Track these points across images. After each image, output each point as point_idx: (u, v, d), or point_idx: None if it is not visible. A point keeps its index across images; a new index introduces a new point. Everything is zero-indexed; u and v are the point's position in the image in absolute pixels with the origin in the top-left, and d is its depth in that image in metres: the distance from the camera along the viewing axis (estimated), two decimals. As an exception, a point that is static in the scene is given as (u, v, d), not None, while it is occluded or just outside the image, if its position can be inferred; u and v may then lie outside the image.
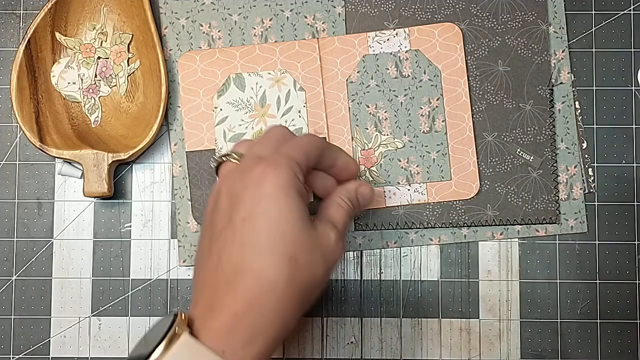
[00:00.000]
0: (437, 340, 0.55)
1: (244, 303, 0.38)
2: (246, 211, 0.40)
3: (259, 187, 0.40)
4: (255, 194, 0.40)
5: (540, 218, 0.55)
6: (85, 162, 0.53)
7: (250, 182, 0.41)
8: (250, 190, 0.41)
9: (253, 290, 0.39)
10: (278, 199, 0.40)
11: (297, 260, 0.40)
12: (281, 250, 0.39)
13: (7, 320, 0.55)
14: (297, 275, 0.40)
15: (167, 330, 0.38)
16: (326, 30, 0.56)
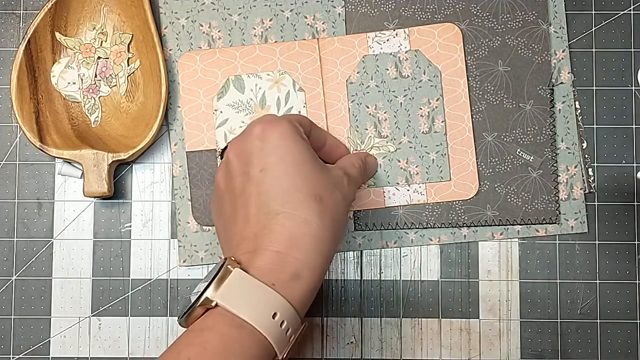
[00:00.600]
0: (437, 340, 0.55)
1: (284, 241, 0.41)
2: (261, 163, 0.42)
3: (264, 142, 0.43)
4: (264, 148, 0.43)
5: (540, 218, 0.55)
6: (85, 162, 0.53)
7: (254, 139, 0.43)
8: (257, 146, 0.43)
9: (291, 229, 0.41)
10: (287, 146, 0.43)
11: (322, 198, 0.42)
12: (306, 190, 0.42)
13: (7, 320, 0.55)
14: (325, 212, 0.42)
15: (219, 269, 0.40)
16: (326, 31, 0.56)
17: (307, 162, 0.43)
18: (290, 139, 0.43)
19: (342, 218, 0.44)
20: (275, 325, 0.39)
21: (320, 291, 0.55)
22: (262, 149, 0.43)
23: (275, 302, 0.40)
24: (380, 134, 0.55)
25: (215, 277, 0.40)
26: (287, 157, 0.43)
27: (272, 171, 0.42)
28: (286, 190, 0.42)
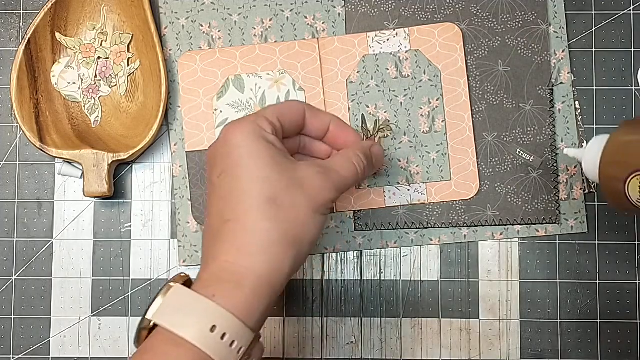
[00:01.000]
0: (437, 340, 0.55)
1: (232, 250, 0.39)
2: (220, 167, 0.41)
3: (225, 145, 0.41)
4: (224, 151, 0.41)
5: (540, 218, 0.55)
6: (85, 162, 0.53)
7: (218, 143, 0.42)
8: (219, 150, 0.42)
9: (238, 236, 0.39)
10: (246, 147, 0.41)
11: (277, 200, 0.40)
12: (258, 193, 0.40)
13: (7, 320, 0.55)
14: (280, 215, 0.39)
15: (164, 285, 0.39)
16: (326, 30, 0.56)
17: (264, 163, 0.40)
18: (250, 140, 0.41)
19: (305, 220, 0.41)
20: (214, 338, 0.37)
21: (320, 291, 0.55)
22: (222, 153, 0.41)
23: (214, 314, 0.37)
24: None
25: (157, 296, 0.38)
26: (243, 160, 0.40)
27: (228, 176, 0.41)
28: (240, 194, 0.40)
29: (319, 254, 0.55)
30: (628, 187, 0.42)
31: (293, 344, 0.55)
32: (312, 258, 0.55)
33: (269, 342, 0.55)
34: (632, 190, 0.41)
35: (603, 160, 0.44)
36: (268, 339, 0.55)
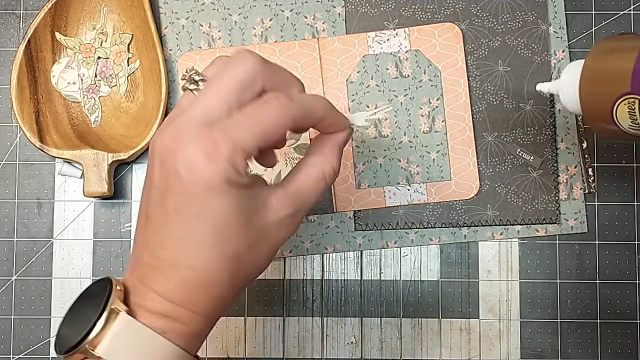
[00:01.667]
0: (437, 340, 0.55)
1: (181, 294, 0.36)
2: (178, 203, 0.35)
3: (188, 183, 0.34)
4: (185, 188, 0.34)
5: (540, 218, 0.55)
6: (85, 162, 0.53)
7: (181, 166, 0.34)
8: (179, 178, 0.34)
9: (191, 284, 0.36)
10: (210, 200, 0.34)
11: (240, 260, 0.36)
12: (221, 250, 0.35)
13: (7, 320, 0.55)
14: (239, 273, 0.36)
15: (104, 304, 0.35)
16: (326, 30, 0.56)
17: (230, 220, 0.35)
18: (217, 192, 0.34)
19: (261, 268, 0.38)
20: None
21: (320, 291, 0.55)
22: (182, 187, 0.34)
23: (169, 354, 0.35)
24: (380, 134, 0.55)
25: (97, 319, 0.34)
26: (207, 212, 0.34)
27: (188, 219, 0.34)
28: (199, 245, 0.35)
29: (319, 254, 0.55)
30: (616, 113, 0.37)
31: (293, 344, 0.55)
32: (312, 258, 0.55)
33: (269, 342, 0.55)
34: (621, 116, 0.37)
35: (583, 88, 0.39)
36: (268, 339, 0.55)
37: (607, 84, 0.37)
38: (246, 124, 0.34)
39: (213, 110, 0.34)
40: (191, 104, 0.35)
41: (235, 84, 0.35)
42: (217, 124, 0.34)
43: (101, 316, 0.34)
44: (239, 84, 0.35)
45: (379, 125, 0.55)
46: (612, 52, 0.38)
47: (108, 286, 0.35)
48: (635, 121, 0.36)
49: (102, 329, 0.34)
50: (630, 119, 0.36)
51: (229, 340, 0.55)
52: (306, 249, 0.55)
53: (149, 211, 0.36)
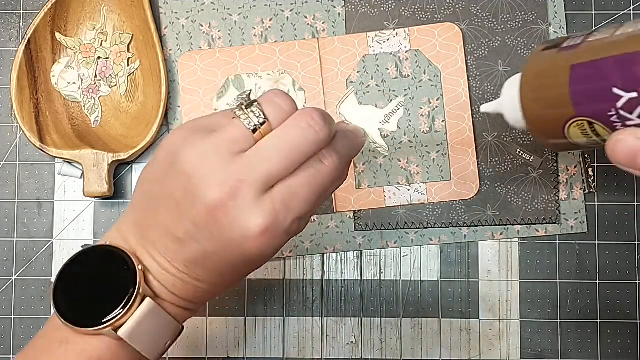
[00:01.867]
0: (437, 340, 0.55)
1: (209, 273, 0.37)
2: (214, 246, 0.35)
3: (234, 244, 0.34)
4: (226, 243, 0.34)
5: (540, 218, 0.55)
6: (85, 162, 0.53)
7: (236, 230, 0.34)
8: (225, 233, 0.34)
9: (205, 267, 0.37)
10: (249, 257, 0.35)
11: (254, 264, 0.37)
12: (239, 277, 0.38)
13: (7, 320, 0.55)
14: (253, 267, 0.38)
15: (135, 288, 0.36)
16: (326, 30, 0.56)
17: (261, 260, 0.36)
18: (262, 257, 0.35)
19: None
20: (162, 348, 0.38)
21: (320, 291, 0.55)
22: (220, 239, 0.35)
23: (174, 332, 0.38)
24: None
25: (127, 299, 0.35)
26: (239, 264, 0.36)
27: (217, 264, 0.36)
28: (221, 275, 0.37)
29: (319, 254, 0.55)
30: (569, 134, 0.35)
31: (293, 344, 0.55)
32: (312, 258, 0.55)
33: (269, 342, 0.55)
34: (575, 135, 0.35)
35: (526, 110, 0.37)
36: (268, 339, 0.55)
37: (550, 107, 0.36)
38: (304, 190, 0.35)
39: (272, 172, 0.34)
40: (251, 157, 0.34)
41: (300, 148, 0.34)
42: (277, 192, 0.34)
43: (130, 300, 0.35)
44: (304, 148, 0.34)
45: None
46: (547, 73, 0.36)
47: (132, 267, 0.36)
48: (591, 138, 0.35)
49: (127, 311, 0.35)
50: (585, 137, 0.35)
51: (229, 340, 0.55)
52: (306, 249, 0.55)
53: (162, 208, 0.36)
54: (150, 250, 0.37)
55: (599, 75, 0.32)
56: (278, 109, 0.35)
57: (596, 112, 0.33)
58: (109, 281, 0.37)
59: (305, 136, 0.34)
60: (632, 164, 0.33)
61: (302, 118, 0.35)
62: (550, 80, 0.35)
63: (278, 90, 0.36)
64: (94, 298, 0.37)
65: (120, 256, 0.37)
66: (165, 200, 0.35)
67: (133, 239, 0.37)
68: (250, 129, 0.34)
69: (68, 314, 0.36)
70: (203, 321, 0.55)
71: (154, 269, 0.37)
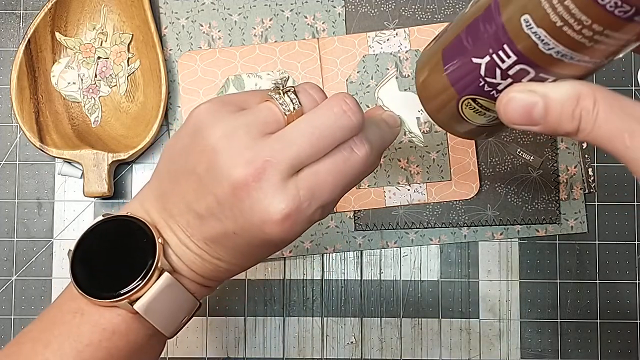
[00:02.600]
0: (437, 340, 0.55)
1: (212, 245, 0.36)
2: (234, 227, 0.34)
3: (254, 227, 0.34)
4: (247, 227, 0.34)
5: (540, 218, 0.55)
6: (85, 162, 0.53)
7: (257, 211, 0.33)
8: (246, 215, 0.33)
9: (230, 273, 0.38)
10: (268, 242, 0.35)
11: None
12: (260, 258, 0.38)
13: (7, 320, 0.55)
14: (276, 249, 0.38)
15: (153, 262, 0.35)
16: (326, 30, 0.56)
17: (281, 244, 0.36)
18: (279, 242, 0.35)
19: None
20: (178, 324, 0.37)
21: (320, 291, 0.55)
22: (243, 222, 0.34)
23: (191, 308, 0.37)
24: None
25: (145, 272, 0.35)
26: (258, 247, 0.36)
27: (235, 242, 0.36)
28: (245, 254, 0.37)
29: (319, 254, 0.55)
30: (465, 117, 0.36)
31: (293, 344, 0.55)
32: (312, 258, 0.55)
33: (269, 342, 0.55)
34: (472, 117, 0.35)
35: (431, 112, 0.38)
36: (268, 339, 0.55)
37: (439, 95, 0.36)
38: (331, 178, 0.34)
39: (301, 156, 0.33)
40: (281, 138, 0.33)
41: (331, 134, 0.34)
42: (303, 178, 0.33)
43: (148, 274, 0.34)
44: (335, 133, 0.34)
45: None
46: (428, 65, 0.37)
47: (152, 239, 0.35)
48: (485, 114, 0.35)
49: (144, 285, 0.34)
50: (480, 115, 0.35)
51: (229, 340, 0.55)
52: (306, 249, 0.55)
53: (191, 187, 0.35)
54: (171, 224, 0.36)
55: (459, 50, 0.33)
56: (312, 99, 0.35)
57: (470, 86, 0.34)
58: (128, 252, 0.36)
59: (338, 121, 0.33)
60: (529, 120, 0.31)
61: (336, 103, 0.34)
62: (431, 70, 0.36)
63: (313, 84, 0.36)
64: (112, 269, 0.36)
65: (141, 228, 0.36)
66: (188, 174, 0.34)
67: (155, 210, 0.36)
68: (284, 113, 0.34)
69: (84, 284, 0.35)
70: (203, 321, 0.55)
71: (173, 243, 0.36)
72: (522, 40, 0.30)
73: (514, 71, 0.31)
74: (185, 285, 0.36)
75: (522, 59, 0.30)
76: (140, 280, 0.34)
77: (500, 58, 0.31)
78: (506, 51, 0.31)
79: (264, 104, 0.34)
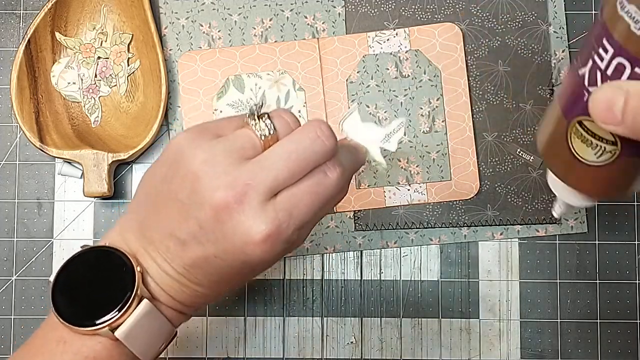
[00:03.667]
0: (437, 340, 0.55)
1: (191, 272, 0.37)
2: (215, 250, 0.35)
3: (236, 248, 0.35)
4: (228, 247, 0.35)
5: (540, 218, 0.55)
6: (85, 162, 0.53)
7: (239, 232, 0.34)
8: (227, 235, 0.34)
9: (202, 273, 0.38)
10: (249, 262, 0.36)
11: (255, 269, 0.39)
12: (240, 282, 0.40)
13: (7, 320, 0.55)
14: (254, 274, 0.40)
15: (132, 290, 0.36)
16: (326, 30, 0.56)
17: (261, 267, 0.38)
18: (260, 263, 0.36)
19: None
20: (157, 350, 0.38)
21: (320, 291, 0.55)
22: (224, 243, 0.35)
23: (168, 334, 0.38)
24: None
25: (125, 301, 0.36)
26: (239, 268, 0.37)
27: (215, 263, 0.37)
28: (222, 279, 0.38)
29: (319, 254, 0.55)
30: (574, 147, 0.35)
31: (293, 344, 0.55)
32: (312, 258, 0.55)
33: (269, 342, 0.55)
34: (579, 149, 0.35)
35: (562, 178, 0.38)
36: (268, 339, 0.55)
37: (557, 143, 0.36)
38: (307, 200, 0.35)
39: (279, 179, 0.35)
40: (259, 163, 0.35)
41: (307, 158, 0.35)
42: (281, 200, 0.35)
43: (128, 302, 0.36)
44: (311, 157, 0.35)
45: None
46: (546, 126, 0.38)
47: (131, 268, 0.36)
48: (590, 143, 0.35)
49: (124, 313, 0.36)
50: (585, 144, 0.35)
51: (229, 340, 0.55)
52: (306, 249, 0.55)
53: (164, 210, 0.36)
54: (150, 251, 0.37)
55: (572, 75, 0.34)
56: (286, 124, 0.36)
57: (577, 105, 0.34)
58: (108, 282, 0.37)
59: (313, 145, 0.35)
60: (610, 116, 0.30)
61: (311, 128, 0.36)
62: (550, 123, 0.37)
63: (286, 109, 0.38)
64: (92, 298, 0.37)
65: (119, 257, 0.37)
66: (169, 200, 0.36)
67: (133, 239, 0.38)
68: (260, 138, 0.35)
69: (66, 313, 0.37)
70: (203, 321, 0.55)
71: (152, 271, 0.37)
72: (617, 24, 0.30)
73: (612, 69, 0.31)
74: (164, 312, 0.38)
75: (618, 50, 0.31)
76: (119, 309, 0.36)
77: (600, 56, 0.32)
78: (604, 45, 0.31)
79: (241, 131, 0.36)
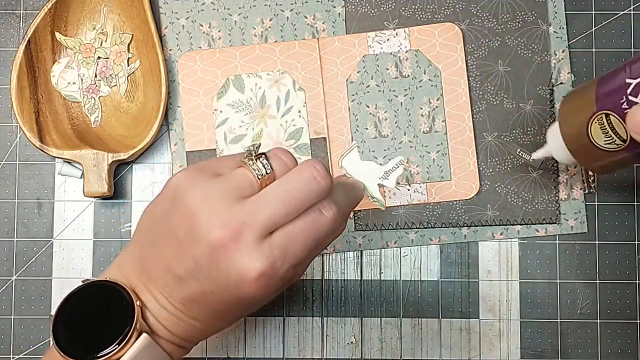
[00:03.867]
0: (437, 340, 0.55)
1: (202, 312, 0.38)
2: (209, 286, 0.36)
3: (231, 284, 0.36)
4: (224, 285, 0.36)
5: (540, 218, 0.55)
6: (85, 162, 0.53)
7: (233, 270, 0.35)
8: (223, 273, 0.35)
9: (199, 308, 0.39)
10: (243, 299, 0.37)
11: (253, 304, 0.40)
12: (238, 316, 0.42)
13: (7, 320, 0.55)
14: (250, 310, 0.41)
15: (131, 324, 0.37)
16: (326, 30, 0.56)
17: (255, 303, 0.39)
18: (254, 300, 0.37)
19: None
20: None
21: (320, 291, 0.55)
22: (219, 280, 0.36)
23: None
24: (380, 134, 0.55)
25: (124, 335, 0.37)
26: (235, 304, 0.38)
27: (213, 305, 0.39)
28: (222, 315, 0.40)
29: (319, 254, 0.55)
30: (592, 135, 0.43)
31: (293, 344, 0.55)
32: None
33: (269, 342, 0.55)
34: (596, 136, 0.43)
35: (564, 134, 0.46)
36: (268, 339, 0.55)
37: (579, 113, 0.44)
38: (302, 238, 0.36)
39: (274, 218, 0.36)
40: (255, 202, 0.36)
41: (302, 197, 0.36)
42: (276, 238, 0.36)
43: (127, 336, 0.37)
44: (306, 196, 0.36)
45: (379, 125, 0.55)
46: (578, 95, 0.45)
47: (131, 303, 0.37)
48: (607, 133, 0.42)
49: (123, 346, 0.37)
50: (603, 134, 0.43)
51: (229, 340, 0.55)
52: (306, 249, 0.55)
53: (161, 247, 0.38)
54: (149, 285, 0.38)
55: (616, 74, 0.42)
56: (283, 164, 0.38)
57: (611, 102, 0.42)
58: (108, 316, 0.38)
59: (309, 185, 0.36)
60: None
61: (306, 168, 0.37)
62: (581, 95, 0.45)
63: (283, 149, 0.39)
64: (93, 332, 0.38)
65: (119, 292, 0.38)
66: (167, 237, 0.37)
67: (133, 274, 0.39)
68: (257, 178, 0.36)
69: (66, 347, 0.37)
70: (203, 321, 0.55)
71: (151, 305, 0.38)
72: None
73: None
74: (162, 346, 0.38)
75: None
76: (118, 343, 0.37)
77: None
78: None
79: (239, 170, 0.37)
